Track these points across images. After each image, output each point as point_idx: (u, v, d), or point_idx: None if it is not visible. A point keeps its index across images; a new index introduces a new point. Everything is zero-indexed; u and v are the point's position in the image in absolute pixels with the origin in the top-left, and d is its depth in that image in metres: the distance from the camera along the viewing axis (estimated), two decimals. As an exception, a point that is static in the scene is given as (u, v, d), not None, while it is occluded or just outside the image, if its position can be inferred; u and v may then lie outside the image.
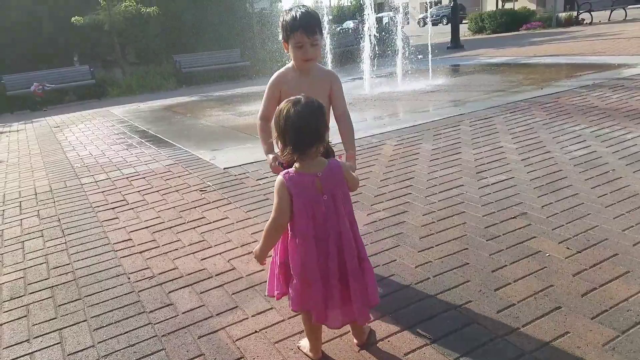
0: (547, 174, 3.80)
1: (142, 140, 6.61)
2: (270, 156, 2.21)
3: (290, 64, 2.38)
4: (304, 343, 2.04)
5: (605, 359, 1.84)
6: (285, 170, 1.79)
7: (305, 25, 2.19)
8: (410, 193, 3.68)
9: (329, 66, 9.81)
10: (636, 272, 2.38)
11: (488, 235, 2.90)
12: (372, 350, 2.02)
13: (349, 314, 1.83)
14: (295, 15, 2.20)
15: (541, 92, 6.88)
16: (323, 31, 2.32)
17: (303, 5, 2.32)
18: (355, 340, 2.05)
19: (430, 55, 10.63)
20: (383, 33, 11.97)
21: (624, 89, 6.58)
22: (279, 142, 1.80)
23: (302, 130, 1.71)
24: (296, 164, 1.78)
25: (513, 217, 3.10)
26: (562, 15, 21.58)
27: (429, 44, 10.89)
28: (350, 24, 27.85)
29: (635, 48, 10.79)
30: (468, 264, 2.61)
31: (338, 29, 21.74)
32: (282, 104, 1.76)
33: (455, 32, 16.44)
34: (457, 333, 2.07)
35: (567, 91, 6.78)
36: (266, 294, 2.07)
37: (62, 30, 15.18)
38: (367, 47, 9.76)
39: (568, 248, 2.67)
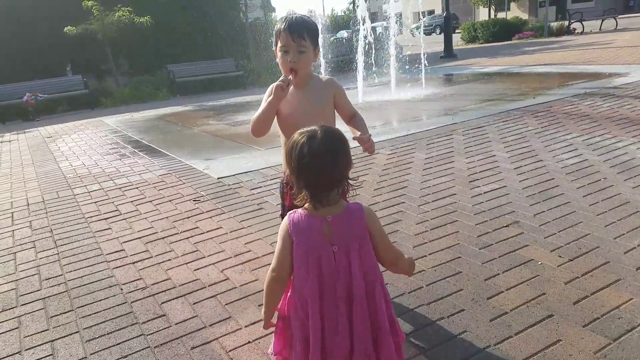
0: (539, 182, 3.83)
1: (135, 150, 6.61)
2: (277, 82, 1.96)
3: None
4: None
5: (597, 366, 1.85)
6: (293, 210, 1.50)
7: (292, 27, 2.00)
8: (403, 202, 3.69)
9: (323, 75, 9.84)
10: (627, 279, 2.40)
11: (481, 243, 2.91)
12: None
13: None
14: (286, 18, 2.05)
15: (533, 101, 6.94)
16: (317, 41, 2.12)
17: (301, 14, 2.13)
18: None
19: (423, 65, 10.72)
20: (376, 43, 12.05)
21: (615, 97, 6.66)
22: (293, 180, 1.47)
23: (321, 173, 1.39)
24: (306, 206, 1.47)
25: (505, 226, 3.12)
26: (554, 24, 21.83)
27: (422, 54, 10.97)
28: (344, 33, 28.05)
29: (625, 57, 10.92)
30: (461, 272, 2.62)
31: (332, 38, 21.88)
32: (296, 136, 1.43)
33: (448, 41, 16.59)
34: (450, 342, 2.07)
35: (559, 100, 6.85)
36: (269, 352, 1.81)
37: (55, 41, 15.18)
38: (360, 57, 9.82)
39: (560, 256, 2.68)
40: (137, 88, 14.61)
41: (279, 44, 2.05)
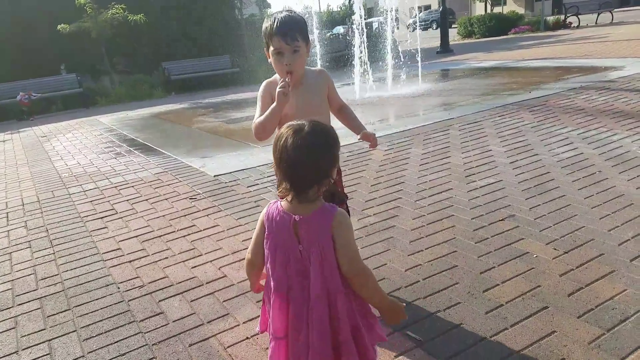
0: (534, 176, 3.84)
1: (131, 149, 6.60)
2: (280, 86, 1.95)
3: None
4: None
5: (591, 356, 1.86)
6: (275, 200, 1.51)
7: (283, 30, 1.98)
8: (400, 198, 3.70)
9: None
10: (621, 271, 2.42)
11: (477, 237, 2.93)
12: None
13: None
14: (274, 19, 2.01)
15: (529, 96, 6.96)
16: (309, 37, 2.12)
17: (287, 10, 2.09)
18: None
19: (420, 60, 10.72)
20: (373, 38, 12.05)
21: (610, 91, 6.67)
22: (277, 173, 1.46)
23: (299, 167, 1.36)
24: (287, 198, 1.44)
25: (501, 220, 3.13)
26: (550, 18, 21.84)
27: (419, 49, 10.97)
28: (340, 29, 28.00)
29: (621, 51, 10.94)
30: (457, 266, 2.63)
31: (328, 34, 21.84)
32: (283, 129, 1.42)
33: (444, 36, 16.58)
34: (447, 334, 2.08)
35: (554, 94, 6.86)
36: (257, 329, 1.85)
37: (49, 39, 15.09)
38: (357, 53, 9.82)
39: (555, 249, 2.70)
40: (132, 86, 14.55)
41: (272, 47, 2.04)
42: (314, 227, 1.40)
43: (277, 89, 1.96)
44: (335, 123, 2.05)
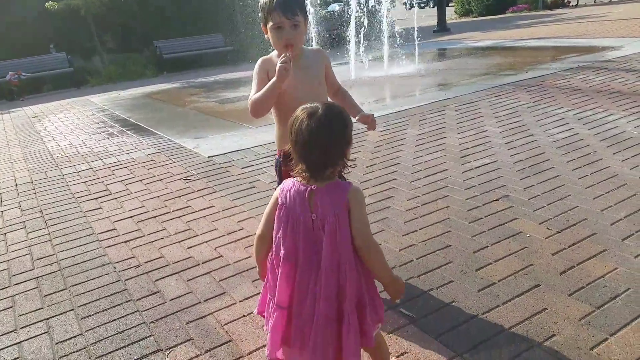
0: (529, 156, 3.85)
1: (124, 129, 6.55)
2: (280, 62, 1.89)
3: (275, 52, 2.16)
4: None
5: (581, 332, 1.90)
6: (290, 178, 1.54)
7: (284, 4, 1.95)
8: (395, 179, 3.71)
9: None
10: (613, 250, 2.45)
11: (470, 217, 2.95)
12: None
13: None
14: None
15: (526, 76, 6.93)
16: (307, 13, 2.10)
17: None
18: None
19: (416, 39, 10.62)
20: (369, 16, 11.91)
21: (607, 71, 6.66)
22: (292, 152, 1.48)
23: (315, 150, 1.40)
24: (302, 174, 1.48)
25: (495, 200, 3.15)
26: (548, -3, 21.60)
27: (415, 28, 10.86)
28: (335, 6, 27.62)
29: (619, 30, 10.89)
30: (450, 246, 2.65)
31: (323, 11, 21.55)
32: (298, 112, 1.45)
33: (441, 15, 16.42)
34: (439, 312, 2.11)
35: (551, 74, 6.84)
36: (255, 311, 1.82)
37: (38, 17, 14.82)
38: (353, 31, 9.71)
39: (548, 228, 2.72)
40: (123, 65, 14.38)
41: (271, 22, 2.01)
42: (330, 197, 1.44)
43: (279, 64, 1.92)
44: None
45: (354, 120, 2.23)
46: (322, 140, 1.40)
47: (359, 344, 1.48)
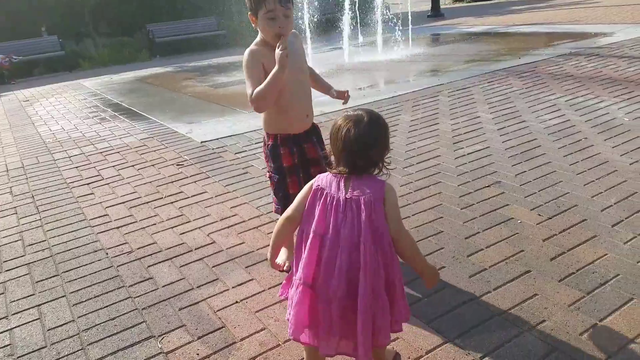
0: (521, 142, 3.86)
1: (116, 114, 6.49)
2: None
3: (258, 40, 2.15)
4: None
5: (571, 318, 1.93)
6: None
7: None
8: (388, 165, 3.70)
9: (308, 36, 9.67)
10: (603, 236, 2.47)
11: (462, 203, 2.96)
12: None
13: (348, 347, 1.54)
14: None
15: (519, 62, 6.92)
16: None
17: None
18: None
19: (410, 24, 10.55)
20: (363, 0, 11.80)
21: (599, 57, 6.67)
22: (334, 157, 1.55)
23: (361, 156, 1.48)
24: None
25: (487, 186, 3.17)
26: (541, -18, 21.47)
27: (409, 12, 10.78)
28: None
29: (611, 16, 10.87)
30: (442, 231, 2.67)
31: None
32: (341, 120, 1.51)
33: (435, 0, 16.28)
34: (431, 298, 2.13)
35: (544, 60, 6.84)
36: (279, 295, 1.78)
37: (29, 0, 14.56)
38: (346, 16, 9.63)
39: (539, 214, 2.74)
40: (116, 49, 14.19)
41: (264, 10, 1.99)
42: (366, 184, 1.50)
43: (278, 52, 1.91)
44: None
45: (329, 97, 2.43)
46: (368, 148, 1.48)
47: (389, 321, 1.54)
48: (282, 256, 2.43)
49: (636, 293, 2.03)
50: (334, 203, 1.50)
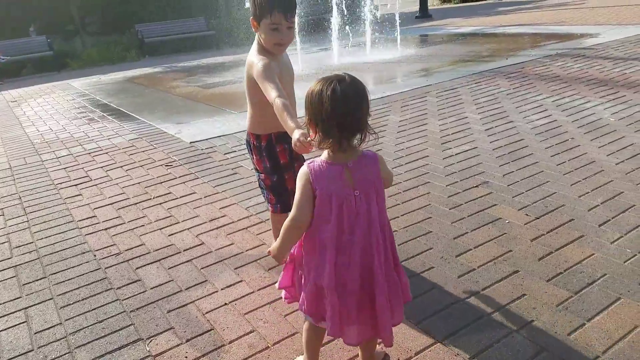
0: (509, 143, 3.89)
1: (104, 114, 6.43)
2: (298, 132, 1.65)
3: (255, 46, 2.15)
4: None
5: (559, 318, 1.94)
6: (310, 160, 1.51)
7: (286, 6, 1.97)
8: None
9: (297, 37, 9.66)
10: (590, 236, 2.50)
11: (451, 204, 2.98)
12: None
13: (368, 332, 1.58)
14: None
15: (506, 62, 6.98)
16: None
17: None
18: None
19: (398, 25, 10.59)
20: (351, 2, 11.81)
21: (585, 58, 6.74)
22: (314, 130, 1.47)
23: (349, 116, 1.40)
24: (326, 152, 1.49)
25: (475, 186, 3.19)
26: (528, -16, 21.65)
27: (397, 13, 10.82)
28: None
29: (597, 17, 11.00)
30: (431, 232, 2.68)
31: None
32: (321, 84, 1.42)
33: (423, 1, 16.35)
34: (419, 298, 2.14)
35: (531, 61, 6.90)
36: (277, 287, 1.77)
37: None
38: (335, 17, 9.63)
39: (527, 214, 2.77)
40: (105, 49, 14.07)
41: (269, 20, 2.00)
42: (367, 171, 1.50)
43: (299, 140, 1.63)
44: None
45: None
46: (358, 106, 1.42)
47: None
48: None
49: (623, 292, 2.05)
50: (345, 205, 1.47)
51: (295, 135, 1.65)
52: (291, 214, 1.53)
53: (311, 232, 1.55)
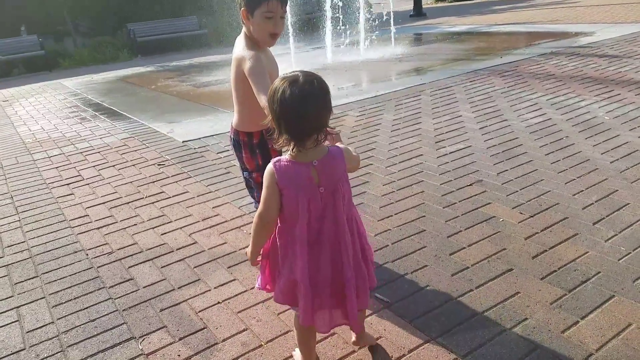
0: (503, 141, 3.90)
1: (96, 114, 6.39)
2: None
3: (242, 40, 2.10)
4: (297, 354, 1.84)
5: (553, 316, 1.94)
6: (277, 158, 1.51)
7: None
8: (371, 164, 3.71)
9: (290, 35, 9.64)
10: (584, 234, 2.50)
11: (445, 202, 2.97)
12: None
13: (338, 319, 1.64)
14: None
15: (500, 61, 6.99)
16: None
17: None
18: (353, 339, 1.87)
19: (392, 24, 10.59)
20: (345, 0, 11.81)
21: (580, 56, 6.76)
22: (274, 127, 1.48)
23: (300, 117, 1.40)
24: (291, 152, 1.49)
25: (469, 185, 3.18)
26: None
27: (391, 12, 10.82)
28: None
29: (592, 16, 11.04)
30: (425, 230, 2.68)
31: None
32: (277, 82, 1.43)
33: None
34: (414, 296, 2.13)
35: (525, 59, 6.91)
36: (257, 286, 1.78)
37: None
38: (328, 15, 9.62)
39: (521, 213, 2.77)
40: (96, 49, 13.97)
41: (263, 9, 1.96)
42: (333, 169, 1.51)
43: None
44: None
45: None
46: (310, 107, 1.40)
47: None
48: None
49: (617, 290, 2.06)
50: (312, 202, 1.50)
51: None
52: (258, 211, 1.55)
53: (283, 229, 1.58)
